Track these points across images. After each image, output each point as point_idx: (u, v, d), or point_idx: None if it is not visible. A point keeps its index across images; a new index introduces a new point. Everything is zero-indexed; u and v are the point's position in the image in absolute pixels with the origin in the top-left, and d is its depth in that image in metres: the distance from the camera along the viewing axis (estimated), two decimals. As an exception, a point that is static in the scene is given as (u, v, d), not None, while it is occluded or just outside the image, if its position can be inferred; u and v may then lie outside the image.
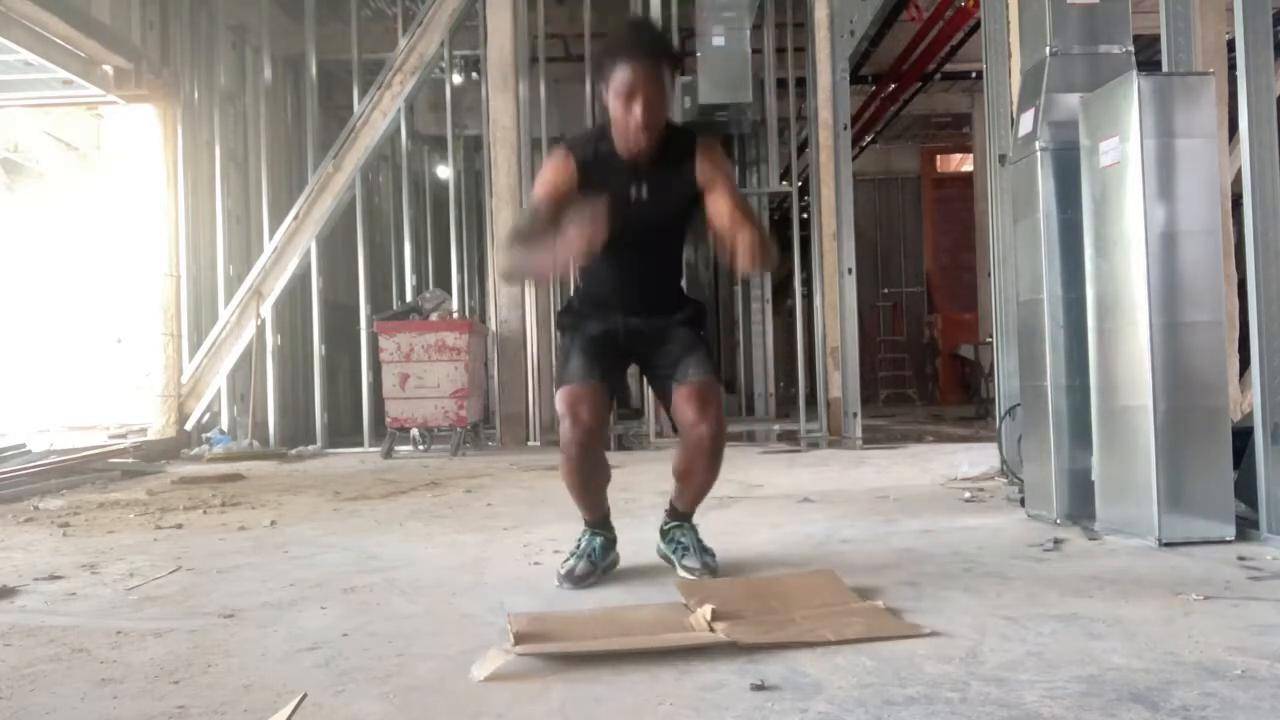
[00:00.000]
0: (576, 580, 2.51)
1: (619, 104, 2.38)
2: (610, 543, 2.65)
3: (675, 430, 2.71)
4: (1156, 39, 3.40)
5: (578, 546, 2.61)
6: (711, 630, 1.95)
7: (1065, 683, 1.65)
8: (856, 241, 7.66)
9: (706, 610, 2.01)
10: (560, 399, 2.50)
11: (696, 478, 2.58)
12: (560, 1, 9.17)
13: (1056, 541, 2.96)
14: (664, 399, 2.63)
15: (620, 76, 2.36)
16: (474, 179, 10.62)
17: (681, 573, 2.58)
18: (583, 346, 2.58)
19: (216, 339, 7.91)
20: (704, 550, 2.62)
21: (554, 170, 2.49)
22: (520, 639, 1.91)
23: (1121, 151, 2.93)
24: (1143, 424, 2.87)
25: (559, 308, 2.77)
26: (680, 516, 2.69)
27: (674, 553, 2.64)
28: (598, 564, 2.57)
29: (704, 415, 2.45)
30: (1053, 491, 3.28)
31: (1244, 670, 1.69)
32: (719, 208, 2.45)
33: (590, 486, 2.59)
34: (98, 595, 2.58)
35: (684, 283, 2.88)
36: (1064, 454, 3.26)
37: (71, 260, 10.63)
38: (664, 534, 2.71)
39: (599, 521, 2.65)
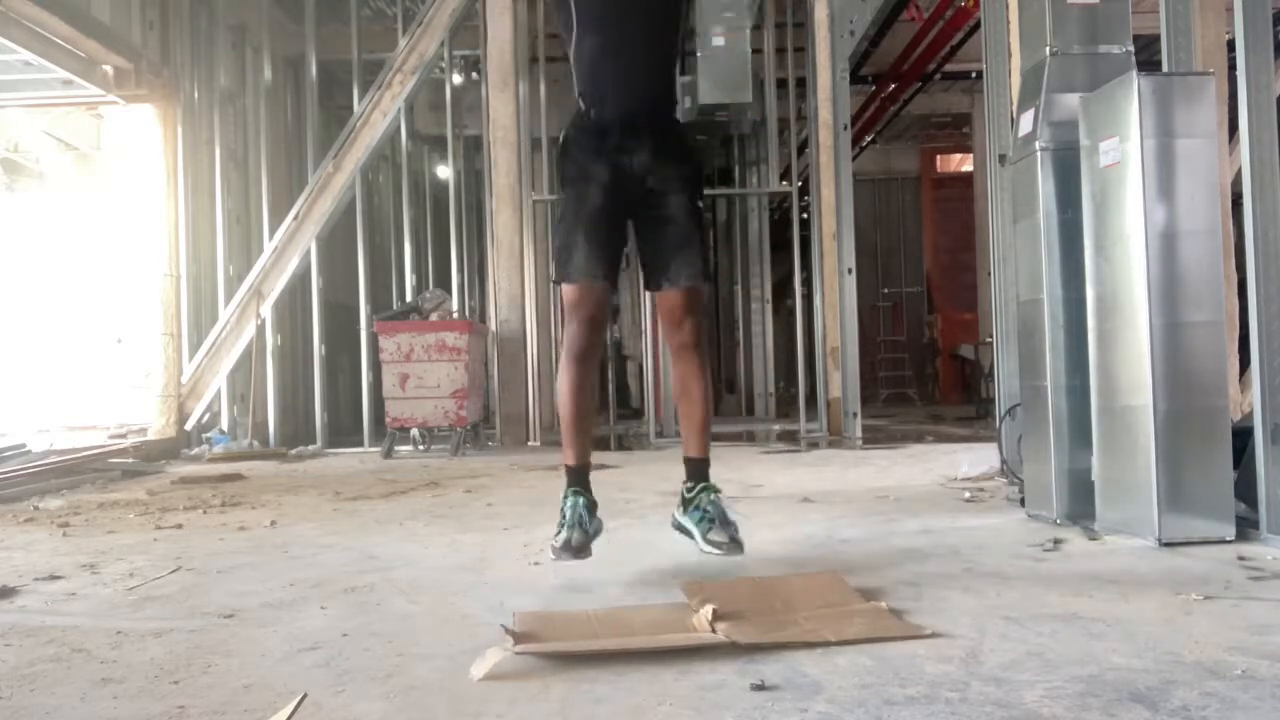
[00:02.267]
0: (575, 551, 2.47)
1: None
2: (592, 505, 2.61)
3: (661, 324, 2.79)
4: (1156, 39, 3.40)
5: (563, 515, 2.56)
6: (713, 631, 1.95)
7: (1065, 683, 1.65)
8: (856, 241, 7.67)
9: (708, 611, 2.01)
10: (568, 296, 2.56)
11: (692, 393, 2.62)
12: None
13: (1056, 541, 2.96)
14: (652, 277, 2.66)
15: None
16: (474, 179, 10.62)
17: (705, 547, 2.52)
18: (587, 228, 2.58)
19: (216, 339, 7.92)
20: (729, 522, 2.56)
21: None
22: (521, 638, 1.91)
23: (1121, 151, 2.93)
24: (1143, 424, 2.87)
25: (558, 148, 2.77)
26: (698, 472, 2.63)
27: (698, 523, 2.56)
28: (589, 531, 2.54)
29: (684, 322, 2.58)
30: (1053, 491, 3.28)
31: (1244, 670, 1.69)
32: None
33: (587, 400, 2.64)
34: (98, 595, 2.58)
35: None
36: (1064, 454, 3.26)
37: (71, 260, 10.62)
38: (686, 503, 2.64)
39: (582, 469, 2.64)
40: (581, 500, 2.59)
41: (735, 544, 2.51)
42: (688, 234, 2.61)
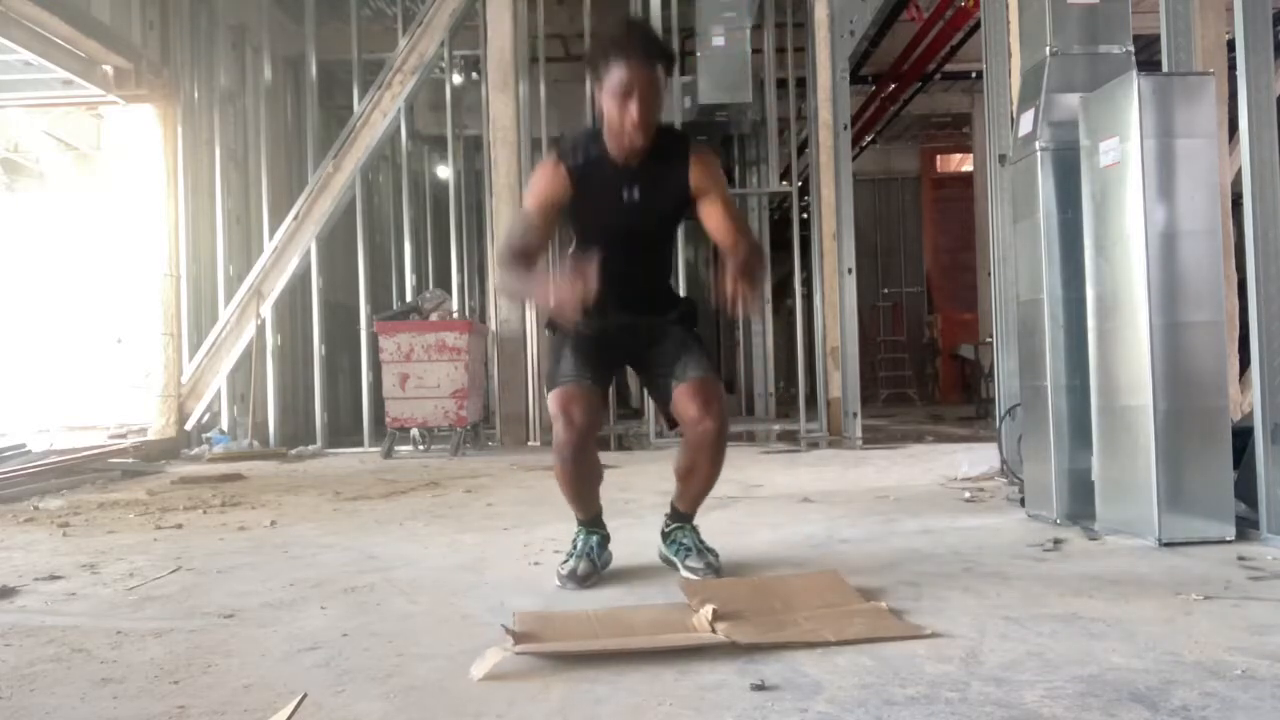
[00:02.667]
0: (580, 580, 2.51)
1: (613, 103, 2.39)
2: (605, 539, 2.65)
3: (671, 426, 2.71)
4: (1156, 39, 3.40)
5: (574, 546, 2.60)
6: (713, 631, 1.95)
7: (1065, 683, 1.65)
8: (856, 241, 7.67)
9: (708, 610, 2.01)
10: (553, 400, 2.50)
11: (699, 476, 2.58)
12: (560, 1, 9.17)
13: (1056, 541, 2.96)
14: (662, 400, 2.63)
15: (615, 75, 2.37)
16: (474, 179, 10.61)
17: (685, 573, 2.57)
18: (575, 345, 2.57)
19: (216, 339, 7.92)
20: (706, 550, 2.62)
21: (545, 180, 2.51)
22: (521, 638, 1.91)
23: (1121, 151, 2.93)
24: (1143, 424, 2.87)
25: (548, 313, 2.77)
26: (681, 518, 2.69)
27: (676, 554, 2.64)
28: (597, 562, 2.58)
29: (707, 411, 2.46)
30: (1053, 491, 3.28)
31: (1244, 670, 1.69)
32: (716, 223, 2.49)
33: (584, 487, 2.59)
34: (98, 595, 2.58)
35: (676, 282, 2.90)
36: (1064, 454, 3.26)
37: (71, 260, 10.63)
38: (665, 536, 2.71)
39: (592, 520, 2.65)
40: (595, 537, 2.62)
41: (709, 569, 2.56)
42: (686, 342, 2.59)
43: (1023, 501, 3.55)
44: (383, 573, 2.77)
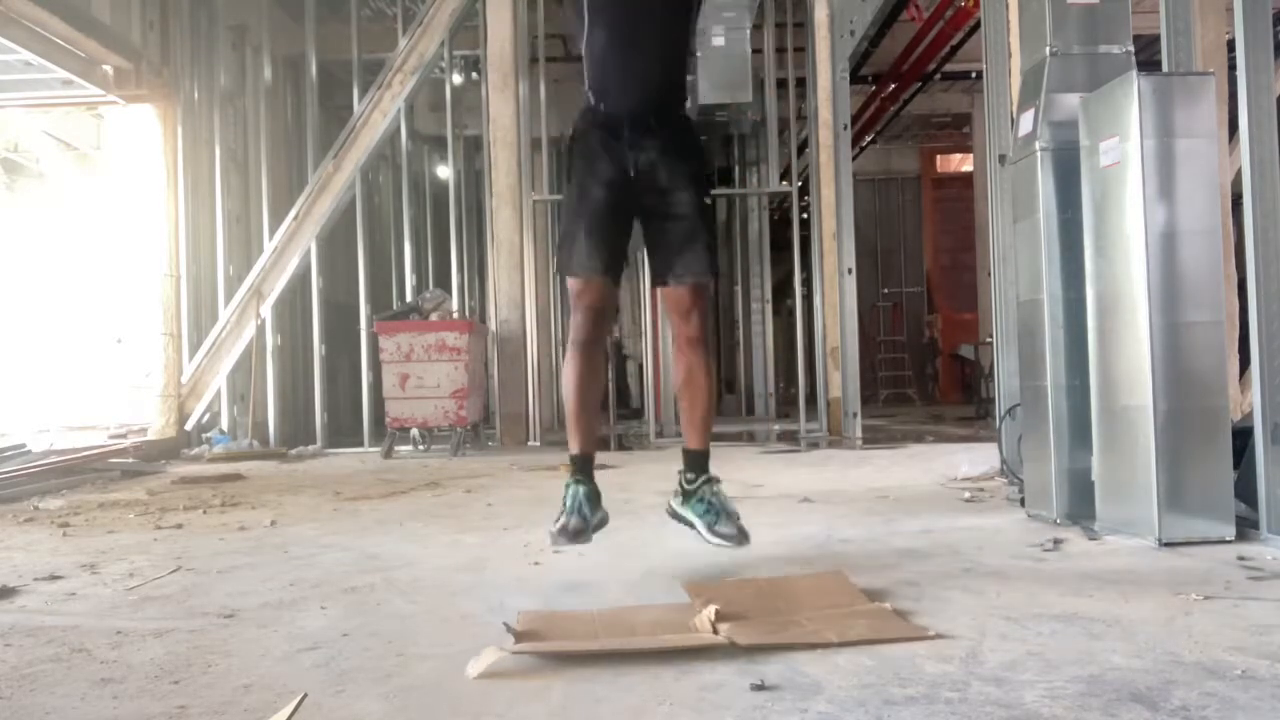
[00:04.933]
0: (572, 535, 2.48)
1: None
2: (596, 495, 2.61)
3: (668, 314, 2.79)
4: (1156, 39, 3.40)
5: (565, 503, 2.57)
6: (715, 631, 1.94)
7: (1065, 683, 1.65)
8: (856, 241, 7.67)
9: (710, 611, 2.01)
10: (571, 286, 2.58)
11: (697, 384, 2.62)
12: (560, 1, 9.17)
13: (1056, 541, 2.95)
14: (659, 273, 2.66)
15: None
16: (474, 179, 10.62)
17: (714, 539, 2.52)
18: (590, 220, 2.58)
19: (216, 339, 7.92)
20: (734, 513, 2.57)
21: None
22: (521, 637, 1.91)
23: (1121, 151, 2.93)
24: (1143, 424, 2.87)
25: (566, 139, 2.79)
26: (698, 462, 2.63)
27: (704, 515, 2.56)
28: (589, 519, 2.54)
29: (690, 316, 2.59)
30: (1053, 491, 3.28)
31: (1244, 670, 1.69)
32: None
33: (592, 389, 2.64)
34: (98, 595, 2.58)
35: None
36: (1064, 454, 3.26)
37: (71, 260, 10.63)
38: (687, 496, 2.63)
39: (586, 459, 2.63)
40: (583, 489, 2.58)
41: (743, 535, 2.54)
42: (695, 229, 2.60)
43: (1023, 501, 3.55)
44: (383, 573, 2.77)
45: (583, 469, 2.63)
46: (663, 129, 2.62)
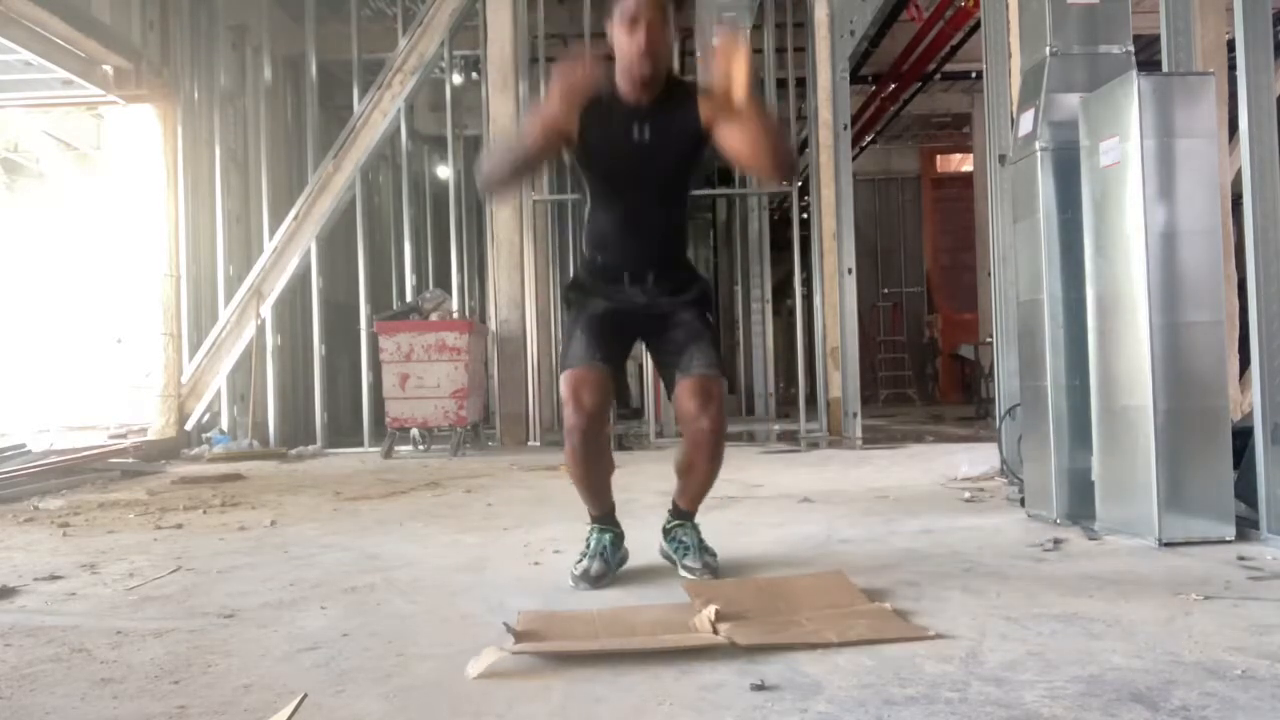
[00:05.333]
0: (593, 580, 2.50)
1: (623, 32, 2.42)
2: (619, 538, 2.64)
3: (678, 421, 2.72)
4: (1156, 39, 3.40)
5: (588, 546, 2.59)
6: (715, 631, 1.94)
7: (1065, 683, 1.65)
8: (856, 241, 7.67)
9: (710, 611, 2.00)
10: (564, 383, 2.51)
11: (698, 473, 2.58)
12: (560, 1, 9.17)
13: (1056, 541, 2.96)
14: (668, 385, 2.63)
15: (625, 4, 2.41)
16: (474, 179, 10.60)
17: (682, 573, 2.57)
18: (587, 325, 2.57)
19: (216, 339, 7.92)
20: (705, 550, 2.62)
21: (561, 99, 2.48)
22: (521, 638, 1.91)
23: (1121, 151, 2.93)
24: (1143, 424, 2.87)
25: (565, 284, 2.78)
26: (683, 515, 2.69)
27: (676, 552, 2.64)
28: (611, 562, 2.56)
29: (705, 410, 2.46)
30: (1053, 491, 3.28)
31: (1244, 670, 1.69)
32: (734, 141, 2.45)
33: (595, 474, 2.59)
34: (98, 595, 2.58)
35: (690, 254, 2.88)
36: (1064, 454, 3.26)
37: (71, 260, 10.63)
38: (666, 533, 2.70)
39: (605, 515, 2.63)
40: (608, 535, 2.60)
41: (707, 569, 2.56)
42: (698, 332, 2.58)
43: (1023, 501, 3.55)
44: (383, 573, 2.77)
45: (605, 520, 2.63)
46: (661, 280, 2.62)
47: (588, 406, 2.44)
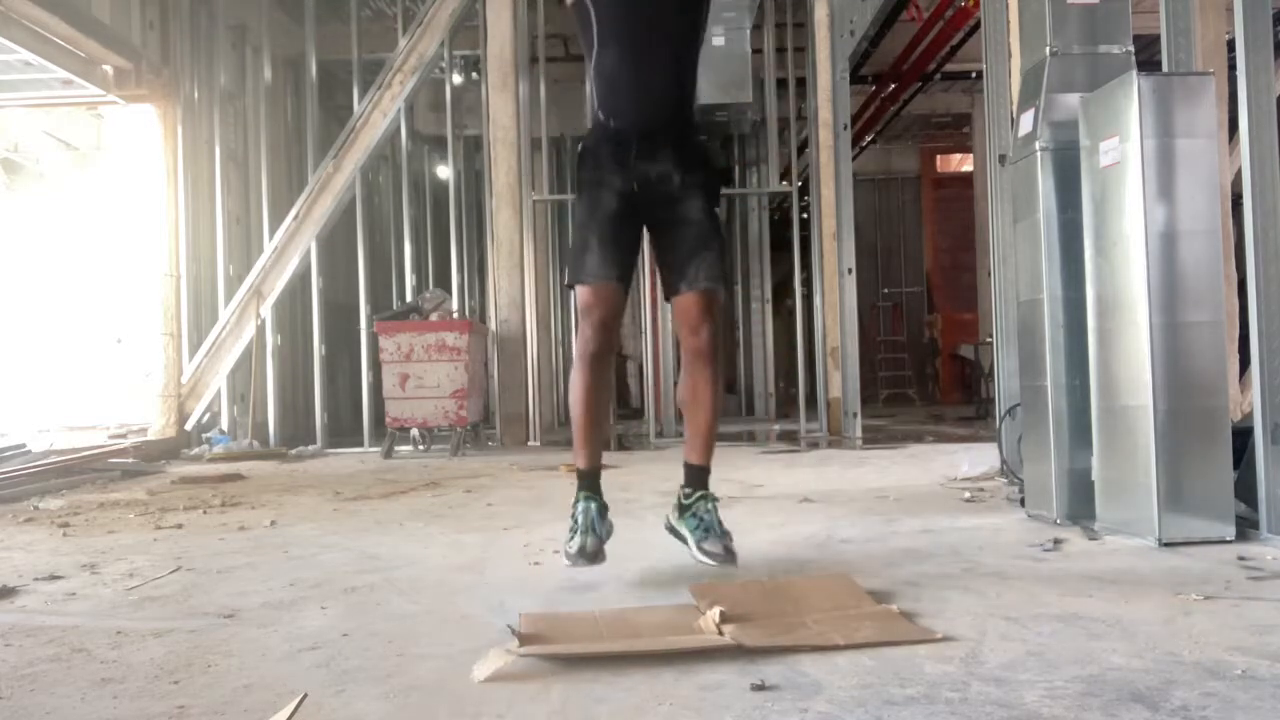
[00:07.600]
0: (590, 557, 2.45)
1: None
2: (604, 509, 2.59)
3: (676, 330, 2.73)
4: (1156, 39, 3.40)
5: (575, 520, 2.53)
6: (720, 633, 1.94)
7: (1065, 683, 1.65)
8: (856, 241, 7.67)
9: (715, 613, 2.00)
10: (581, 298, 2.54)
11: (701, 400, 2.57)
12: (560, 1, 9.17)
13: (1056, 541, 2.96)
14: (667, 286, 2.64)
15: None
16: (474, 179, 10.62)
17: (700, 556, 2.46)
18: (600, 230, 2.57)
19: (216, 339, 7.92)
20: (725, 533, 2.51)
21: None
22: (525, 639, 1.90)
23: (1121, 151, 2.93)
24: (1143, 424, 2.87)
25: (578, 151, 2.75)
26: (697, 477, 2.59)
27: (695, 532, 2.51)
28: (602, 536, 2.52)
29: (705, 321, 2.54)
30: (1053, 491, 3.28)
31: (1244, 670, 1.69)
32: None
33: (599, 403, 2.61)
34: (98, 595, 2.58)
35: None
36: (1064, 454, 3.26)
37: (71, 260, 10.63)
38: (683, 509, 2.59)
39: (594, 473, 2.61)
40: (594, 505, 2.57)
41: (729, 555, 2.47)
42: (706, 237, 2.58)
43: (1023, 501, 3.55)
44: (383, 573, 2.77)
45: (591, 484, 2.61)
46: (673, 141, 2.62)
47: (607, 323, 2.53)
